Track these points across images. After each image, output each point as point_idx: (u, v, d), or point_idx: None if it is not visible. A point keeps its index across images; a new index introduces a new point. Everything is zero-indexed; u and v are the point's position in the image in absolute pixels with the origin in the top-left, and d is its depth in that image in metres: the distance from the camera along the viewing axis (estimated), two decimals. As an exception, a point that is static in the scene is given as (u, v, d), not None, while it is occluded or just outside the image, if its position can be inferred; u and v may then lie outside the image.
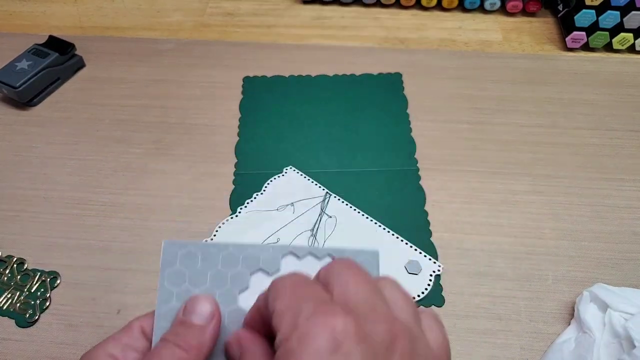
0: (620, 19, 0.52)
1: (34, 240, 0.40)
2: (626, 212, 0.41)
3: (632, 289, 0.34)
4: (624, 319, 0.32)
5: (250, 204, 0.42)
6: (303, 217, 0.41)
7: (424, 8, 0.60)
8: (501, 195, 0.43)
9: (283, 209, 0.41)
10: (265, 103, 0.50)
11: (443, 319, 0.35)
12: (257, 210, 0.41)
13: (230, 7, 0.61)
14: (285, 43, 0.56)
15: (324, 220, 0.41)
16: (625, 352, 0.30)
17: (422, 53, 0.55)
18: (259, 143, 0.46)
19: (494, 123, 0.48)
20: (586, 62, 0.54)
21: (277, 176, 0.43)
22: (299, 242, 0.39)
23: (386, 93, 0.50)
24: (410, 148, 0.46)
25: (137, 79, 0.52)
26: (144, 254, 0.39)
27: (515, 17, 0.59)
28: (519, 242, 0.40)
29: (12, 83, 0.47)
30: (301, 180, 0.43)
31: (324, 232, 0.40)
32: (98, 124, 0.48)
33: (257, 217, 0.41)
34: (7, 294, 0.37)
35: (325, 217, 0.41)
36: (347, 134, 0.47)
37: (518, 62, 0.54)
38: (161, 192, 0.43)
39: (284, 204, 0.42)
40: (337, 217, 0.41)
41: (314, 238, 0.39)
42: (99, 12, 0.60)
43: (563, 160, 0.45)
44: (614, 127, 0.48)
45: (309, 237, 0.39)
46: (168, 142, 0.46)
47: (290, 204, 0.41)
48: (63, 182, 0.44)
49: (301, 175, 0.43)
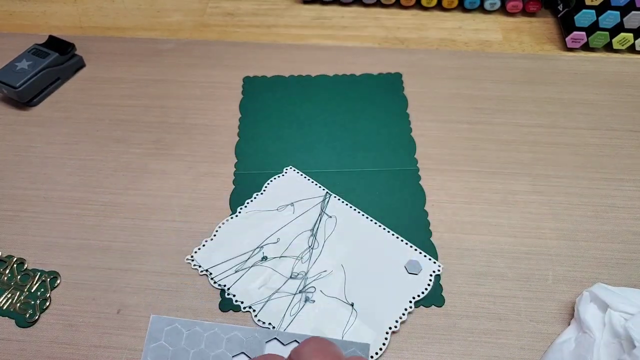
0: (620, 19, 0.52)
1: (34, 240, 0.40)
2: (626, 212, 0.41)
3: (632, 289, 0.34)
4: (624, 319, 0.32)
5: (250, 203, 0.42)
6: (303, 216, 0.41)
7: (424, 8, 0.60)
8: (501, 195, 0.43)
9: (283, 209, 0.41)
10: (265, 103, 0.50)
11: (443, 319, 0.35)
12: (257, 210, 0.41)
13: (230, 7, 0.61)
14: (285, 43, 0.56)
15: (324, 220, 0.40)
16: (626, 352, 0.30)
17: (422, 53, 0.55)
18: (259, 143, 0.46)
19: (493, 123, 0.48)
20: (586, 62, 0.54)
21: (277, 176, 0.43)
22: (298, 242, 0.39)
23: (386, 93, 0.50)
24: (410, 148, 0.46)
25: (137, 79, 0.52)
26: (144, 254, 0.39)
27: (515, 17, 0.59)
28: (519, 242, 0.40)
29: (12, 83, 0.47)
30: (301, 180, 0.43)
31: (324, 232, 0.40)
32: (98, 124, 0.48)
33: (257, 216, 0.41)
34: (7, 294, 0.37)
35: (325, 217, 0.41)
36: (347, 134, 0.47)
37: (518, 62, 0.54)
38: (161, 192, 0.43)
39: (284, 204, 0.42)
40: (337, 217, 0.41)
41: (314, 238, 0.39)
42: (99, 12, 0.60)
43: (563, 160, 0.45)
44: (613, 127, 0.48)
45: (309, 237, 0.39)
46: (168, 142, 0.47)
47: (290, 204, 0.41)
48: (63, 182, 0.44)
49: (301, 175, 0.43)
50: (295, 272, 0.37)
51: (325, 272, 0.38)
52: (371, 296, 0.36)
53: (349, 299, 0.36)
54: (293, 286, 0.37)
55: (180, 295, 0.37)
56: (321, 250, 0.39)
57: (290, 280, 0.37)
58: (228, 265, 0.38)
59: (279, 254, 0.38)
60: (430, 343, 0.34)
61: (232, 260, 0.38)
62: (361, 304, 0.36)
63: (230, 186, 0.43)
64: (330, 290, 0.36)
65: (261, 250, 0.39)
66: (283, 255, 0.38)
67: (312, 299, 0.36)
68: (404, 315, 0.35)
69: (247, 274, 0.37)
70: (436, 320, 0.36)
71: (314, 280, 0.37)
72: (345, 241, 0.39)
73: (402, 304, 0.36)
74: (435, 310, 0.36)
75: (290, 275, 0.37)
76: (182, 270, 0.38)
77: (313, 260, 0.38)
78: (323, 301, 0.36)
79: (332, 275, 0.37)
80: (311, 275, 0.37)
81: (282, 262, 0.38)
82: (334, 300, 0.36)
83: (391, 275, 0.37)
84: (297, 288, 0.37)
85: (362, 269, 0.38)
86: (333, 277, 0.37)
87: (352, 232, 0.40)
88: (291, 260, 0.38)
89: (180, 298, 0.37)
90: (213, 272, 0.38)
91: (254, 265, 0.38)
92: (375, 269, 0.38)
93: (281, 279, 0.37)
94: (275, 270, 0.38)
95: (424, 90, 0.51)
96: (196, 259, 0.38)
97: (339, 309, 0.35)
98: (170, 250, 0.39)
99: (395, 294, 0.36)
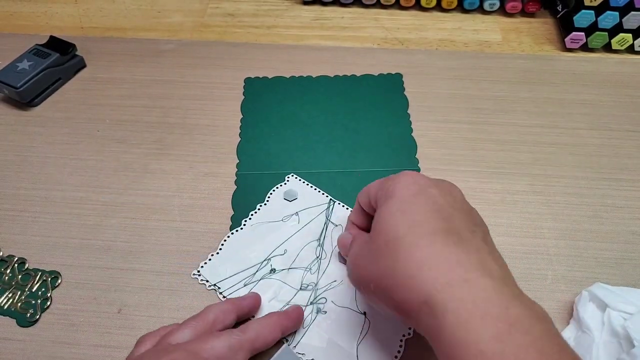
0: (620, 20, 0.52)
1: (35, 240, 0.40)
2: (625, 211, 0.42)
3: (631, 289, 0.34)
4: (623, 319, 0.32)
5: (255, 215, 0.41)
6: (308, 226, 0.40)
7: (424, 9, 0.60)
8: (500, 195, 0.43)
9: (288, 219, 0.41)
10: (266, 104, 0.50)
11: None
12: (261, 221, 0.41)
13: (231, 8, 0.61)
14: (286, 44, 0.56)
15: (330, 229, 0.40)
16: (625, 351, 0.31)
17: (422, 53, 0.55)
18: (261, 143, 0.46)
19: (493, 123, 0.48)
20: (585, 62, 0.54)
21: (279, 185, 0.43)
22: (305, 253, 0.39)
23: (387, 93, 0.51)
24: (411, 148, 0.46)
25: (137, 79, 0.52)
26: (144, 254, 0.39)
27: (514, 18, 0.59)
28: (518, 242, 0.40)
29: (13, 83, 0.47)
30: (304, 187, 0.43)
31: (331, 242, 0.39)
32: (99, 124, 0.48)
33: (263, 229, 0.40)
34: (8, 294, 0.37)
35: (332, 226, 0.40)
36: (348, 134, 0.47)
37: (517, 62, 0.54)
38: (162, 192, 0.43)
39: (288, 214, 0.41)
40: (342, 225, 0.40)
41: (321, 248, 0.39)
42: (100, 12, 0.60)
43: (562, 160, 0.45)
44: (612, 127, 0.48)
45: (316, 247, 0.39)
46: (169, 142, 0.47)
47: (295, 214, 0.41)
48: (64, 182, 0.44)
49: (303, 183, 0.43)
50: (305, 284, 0.37)
51: (335, 282, 0.37)
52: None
53: (360, 308, 0.36)
54: (304, 298, 0.36)
55: (181, 295, 0.37)
56: (329, 260, 0.38)
57: (301, 291, 0.37)
58: (236, 279, 0.37)
59: (287, 266, 0.38)
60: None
61: (240, 274, 0.38)
62: (373, 313, 0.35)
63: (231, 186, 0.43)
64: (342, 300, 0.36)
65: (269, 262, 0.38)
66: (291, 267, 0.38)
67: (323, 310, 0.35)
68: None
69: (256, 287, 0.37)
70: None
71: (324, 291, 0.37)
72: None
73: None
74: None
75: (300, 286, 0.37)
76: (183, 270, 0.38)
77: (322, 271, 0.38)
78: (335, 312, 0.35)
79: (342, 284, 0.37)
80: (321, 285, 0.37)
81: (291, 274, 0.38)
82: (346, 310, 0.35)
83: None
84: (308, 300, 0.36)
85: None
86: (343, 287, 0.37)
87: None
88: (300, 272, 0.38)
89: (181, 298, 0.37)
90: (221, 287, 0.37)
91: (262, 278, 0.37)
92: None
93: (291, 291, 0.37)
94: (285, 282, 0.37)
95: (424, 90, 0.51)
96: (203, 274, 0.38)
97: (352, 319, 0.35)
98: (171, 250, 0.39)
99: None
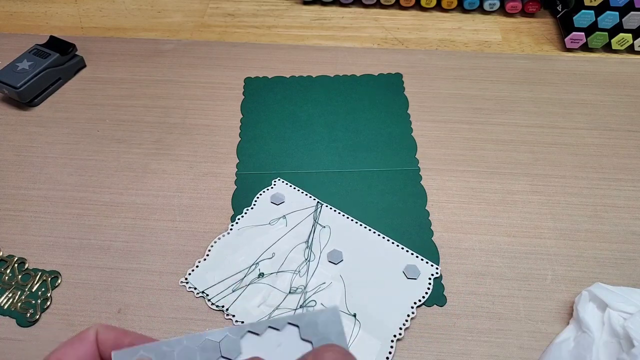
0: (619, 20, 0.52)
1: (35, 240, 0.40)
2: (625, 211, 0.42)
3: (631, 289, 0.34)
4: (623, 319, 0.32)
5: (242, 219, 0.41)
6: (296, 229, 0.40)
7: (424, 9, 0.60)
8: (500, 195, 0.43)
9: (275, 222, 0.40)
10: (266, 104, 0.50)
11: (442, 318, 0.35)
12: (249, 225, 0.40)
13: (231, 8, 0.61)
14: (286, 44, 0.56)
15: (318, 230, 0.40)
16: (624, 351, 0.31)
17: (422, 53, 0.55)
18: (261, 143, 0.46)
19: (493, 123, 0.48)
20: (585, 62, 0.54)
21: (266, 189, 0.43)
22: (294, 255, 0.38)
23: (387, 93, 0.51)
24: (411, 148, 0.46)
25: (137, 79, 0.52)
26: (144, 254, 0.39)
27: (514, 18, 0.59)
28: (518, 242, 0.40)
29: (13, 83, 0.48)
30: (291, 191, 0.43)
31: (319, 243, 0.39)
32: (99, 124, 0.48)
33: (251, 232, 0.40)
34: (8, 294, 0.37)
35: (319, 228, 0.40)
36: (348, 134, 0.47)
37: (517, 62, 0.54)
38: (162, 192, 0.43)
39: (276, 217, 0.41)
40: (330, 226, 0.40)
41: (309, 250, 0.39)
42: (100, 12, 0.61)
43: (562, 160, 0.45)
44: (612, 127, 0.48)
45: (305, 249, 0.39)
46: (169, 142, 0.47)
47: (283, 217, 0.41)
48: (64, 182, 0.44)
49: (290, 186, 0.43)
50: (294, 287, 0.37)
51: (324, 284, 0.37)
52: (373, 305, 0.36)
53: (350, 309, 0.36)
54: (293, 301, 0.36)
55: (181, 295, 0.37)
56: (318, 262, 0.38)
57: (290, 295, 0.36)
58: (224, 285, 0.37)
59: (276, 270, 0.38)
60: (430, 342, 0.35)
61: (228, 280, 0.37)
62: (364, 314, 0.35)
63: (231, 186, 0.43)
64: (331, 302, 0.36)
65: (257, 266, 0.38)
66: (280, 270, 0.38)
67: None
68: (407, 321, 0.35)
69: (244, 292, 0.36)
70: (435, 319, 0.36)
71: (313, 294, 0.36)
72: (340, 250, 0.39)
73: (404, 309, 0.35)
74: (434, 310, 0.36)
75: (289, 290, 0.37)
76: (183, 270, 0.38)
77: (311, 273, 0.37)
78: None
79: (331, 287, 0.37)
80: (310, 288, 0.37)
81: (280, 278, 0.37)
82: None
83: (391, 282, 0.37)
84: (298, 303, 0.36)
85: (361, 277, 0.37)
86: (332, 289, 0.37)
87: (347, 240, 0.39)
88: (289, 275, 0.37)
89: (180, 298, 0.37)
90: (209, 294, 0.37)
91: (251, 283, 0.37)
92: (374, 276, 0.37)
93: (280, 295, 0.36)
94: (274, 286, 0.37)
95: (424, 90, 0.51)
96: (191, 281, 0.37)
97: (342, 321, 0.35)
98: (171, 250, 0.39)
99: (396, 300, 0.36)
